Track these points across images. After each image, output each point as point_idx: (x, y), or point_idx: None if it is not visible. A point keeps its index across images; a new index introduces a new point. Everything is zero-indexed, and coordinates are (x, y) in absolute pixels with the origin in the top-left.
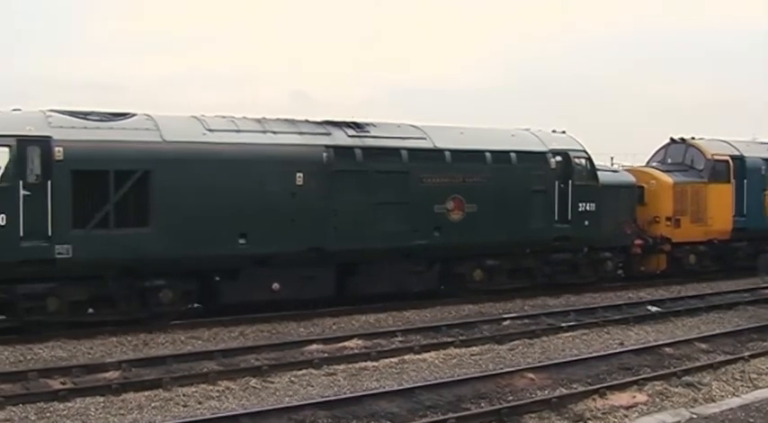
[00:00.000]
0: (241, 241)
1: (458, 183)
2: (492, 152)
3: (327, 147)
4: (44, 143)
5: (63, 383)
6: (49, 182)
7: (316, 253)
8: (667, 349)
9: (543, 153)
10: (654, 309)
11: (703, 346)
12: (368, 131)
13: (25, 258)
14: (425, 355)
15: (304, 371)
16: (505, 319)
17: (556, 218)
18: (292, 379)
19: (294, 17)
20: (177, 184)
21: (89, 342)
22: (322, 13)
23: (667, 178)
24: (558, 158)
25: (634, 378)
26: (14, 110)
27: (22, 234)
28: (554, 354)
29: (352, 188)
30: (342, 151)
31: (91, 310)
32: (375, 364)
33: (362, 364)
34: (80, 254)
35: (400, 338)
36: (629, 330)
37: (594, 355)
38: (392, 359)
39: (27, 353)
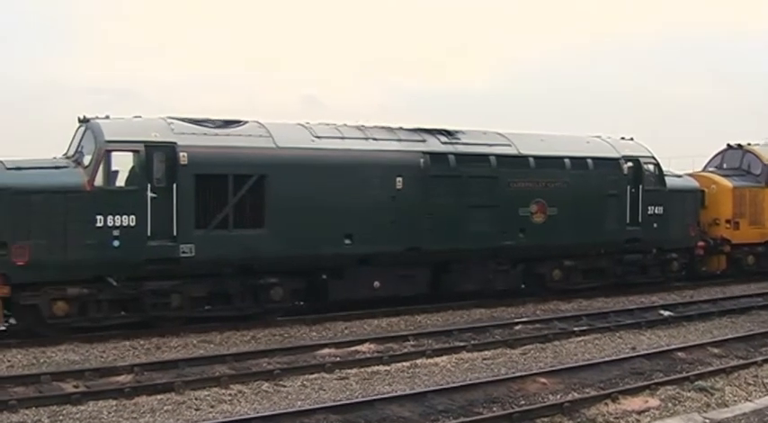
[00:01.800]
0: (346, 241)
1: (540, 187)
2: (571, 158)
3: (424, 153)
4: (169, 149)
5: (76, 387)
6: (175, 185)
7: (413, 253)
8: (680, 354)
9: (617, 159)
10: (666, 313)
11: (716, 350)
12: (458, 138)
13: (152, 257)
14: (437, 360)
15: (316, 375)
16: (517, 323)
17: (627, 221)
18: (304, 383)
19: (304, 21)
20: (289, 188)
21: (102, 345)
22: (332, 18)
23: (727, 182)
24: (630, 164)
25: (646, 383)
26: (135, 117)
27: (149, 234)
28: (566, 358)
29: (446, 192)
30: (437, 157)
31: (207, 307)
32: (387, 368)
33: (374, 369)
34: (202, 253)
35: (412, 343)
36: (641, 335)
37: (607, 359)
38: (404, 363)
39: (40, 356)
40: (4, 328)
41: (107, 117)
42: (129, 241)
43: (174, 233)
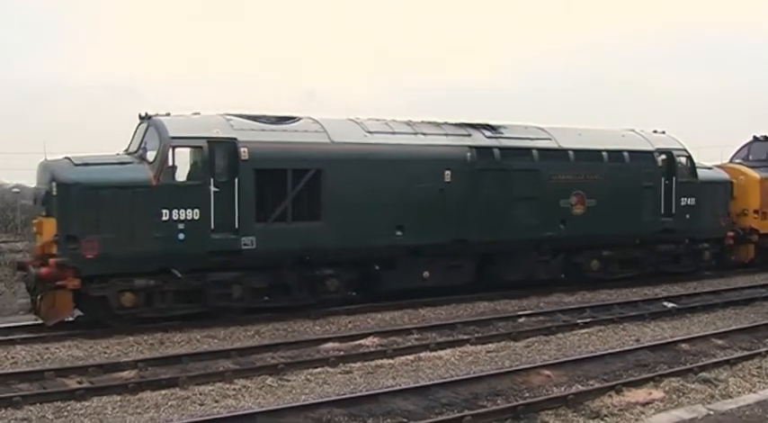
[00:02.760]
0: (398, 233)
1: (580, 179)
2: (608, 151)
3: (470, 147)
4: (231, 144)
5: (80, 383)
6: (236, 179)
7: (460, 244)
8: (683, 345)
9: (651, 152)
10: (670, 305)
11: (720, 342)
12: (502, 133)
13: (215, 249)
14: (441, 353)
15: (320, 369)
16: (521, 316)
17: (662, 212)
18: (308, 377)
19: (300, 19)
20: (344, 182)
21: (105, 341)
22: (330, 18)
23: (755, 174)
24: (664, 157)
25: (650, 375)
26: (194, 114)
27: (212, 227)
28: (570, 351)
29: (492, 184)
30: (483, 151)
31: (266, 298)
32: (391, 361)
33: (378, 362)
34: (262, 245)
35: (416, 336)
36: (644, 327)
37: (610, 351)
38: (408, 357)
39: (44, 352)
40: (72, 318)
41: (168, 114)
42: (193, 234)
43: (236, 226)
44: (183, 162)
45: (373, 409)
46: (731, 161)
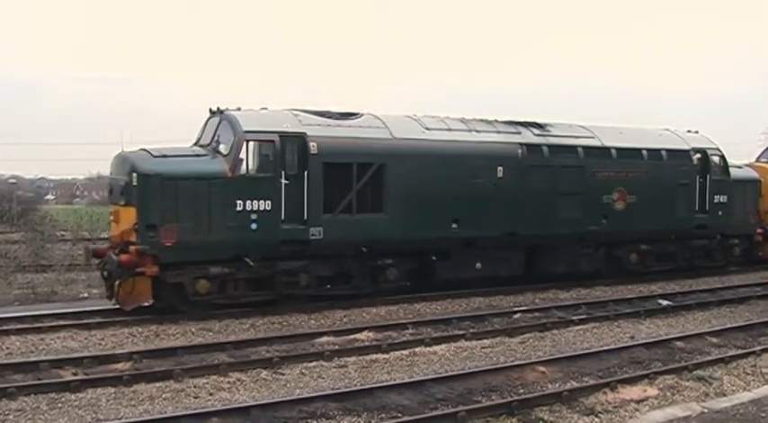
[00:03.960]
0: (453, 226)
1: (621, 176)
2: (648, 150)
3: (521, 144)
4: (301, 139)
5: (74, 374)
6: (305, 172)
7: (511, 237)
8: (678, 343)
9: (687, 151)
10: (665, 302)
11: (714, 340)
12: (549, 131)
13: (285, 239)
14: (436, 348)
15: (315, 363)
16: (516, 312)
17: (696, 208)
18: (303, 371)
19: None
20: (404, 176)
21: (100, 333)
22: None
23: None
24: (699, 155)
25: (645, 372)
26: (262, 109)
27: (283, 217)
28: (565, 347)
29: (540, 180)
30: (532, 148)
31: (328, 286)
32: (386, 356)
33: (373, 357)
34: (329, 235)
35: (411, 331)
36: (640, 324)
37: (605, 348)
38: (403, 352)
39: (39, 343)
40: (148, 304)
41: (239, 109)
42: (265, 224)
43: (305, 217)
44: (255, 155)
45: (368, 404)
46: (757, 160)
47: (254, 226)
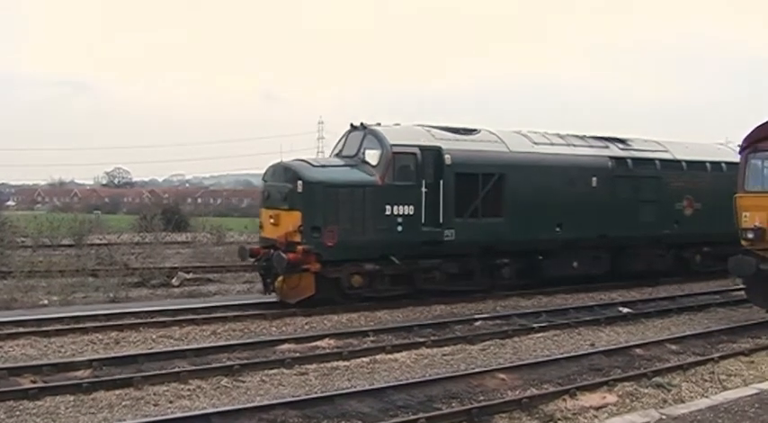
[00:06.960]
0: (557, 229)
1: (690, 186)
2: (710, 162)
3: (610, 157)
4: (437, 151)
5: (33, 382)
6: (441, 181)
7: (602, 239)
8: (638, 350)
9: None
10: (625, 310)
11: (674, 347)
12: (630, 145)
13: (425, 240)
14: (397, 355)
15: (275, 370)
16: (477, 319)
17: None
18: (264, 378)
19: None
20: (519, 185)
21: (60, 340)
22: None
23: None
24: None
25: (604, 379)
26: (395, 125)
27: (423, 221)
28: (525, 354)
29: (626, 189)
30: (619, 161)
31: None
32: (347, 363)
33: (334, 364)
34: (459, 237)
35: (372, 338)
36: (600, 331)
37: (565, 355)
38: (364, 359)
39: None
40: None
41: (378, 124)
42: (408, 226)
43: (441, 221)
44: (400, 166)
45: (328, 411)
46: None
47: (399, 228)
